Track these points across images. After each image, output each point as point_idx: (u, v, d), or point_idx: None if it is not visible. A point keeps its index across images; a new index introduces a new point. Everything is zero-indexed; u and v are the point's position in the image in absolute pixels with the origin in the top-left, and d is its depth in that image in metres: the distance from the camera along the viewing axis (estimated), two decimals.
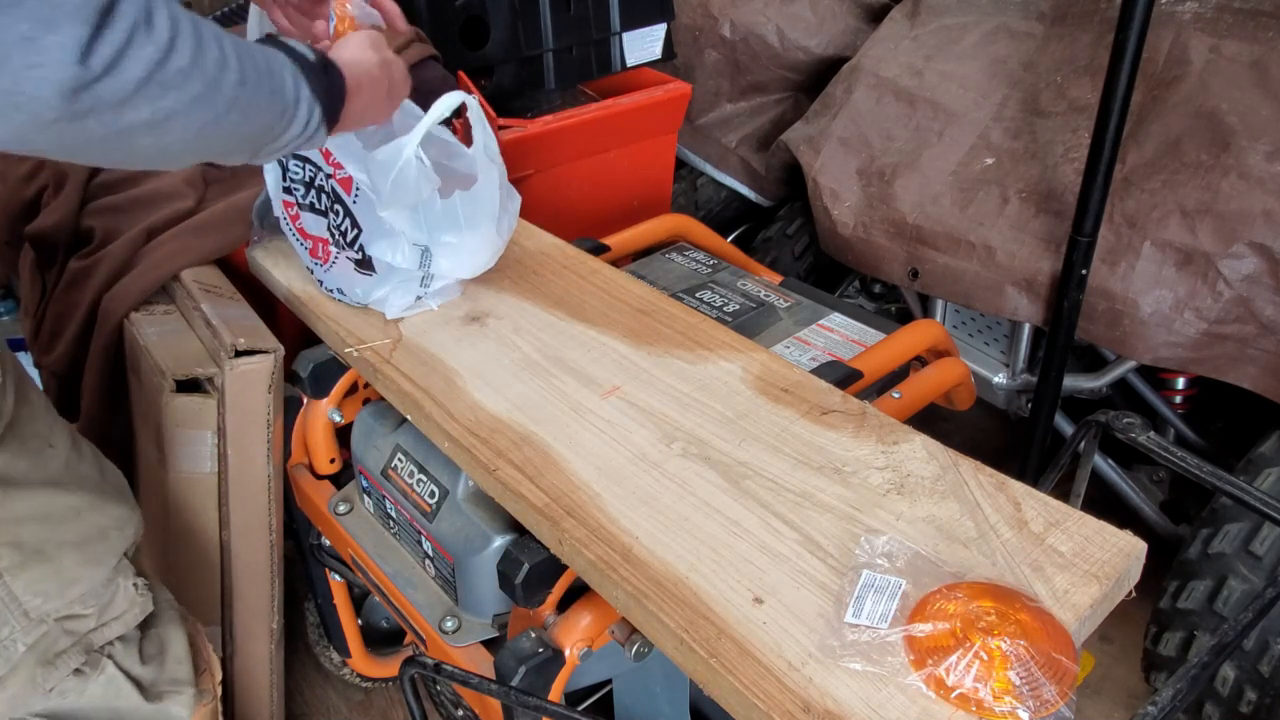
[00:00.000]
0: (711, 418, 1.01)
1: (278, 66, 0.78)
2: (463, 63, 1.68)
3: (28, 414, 0.97)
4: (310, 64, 0.82)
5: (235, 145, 0.77)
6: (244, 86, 0.73)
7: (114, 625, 1.04)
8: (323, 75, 0.84)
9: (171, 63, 0.66)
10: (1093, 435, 1.05)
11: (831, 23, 2.28)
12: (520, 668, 0.90)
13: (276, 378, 1.28)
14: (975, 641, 0.72)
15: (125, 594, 1.05)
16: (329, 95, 0.84)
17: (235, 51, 0.72)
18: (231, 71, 0.71)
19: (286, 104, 0.78)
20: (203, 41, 0.69)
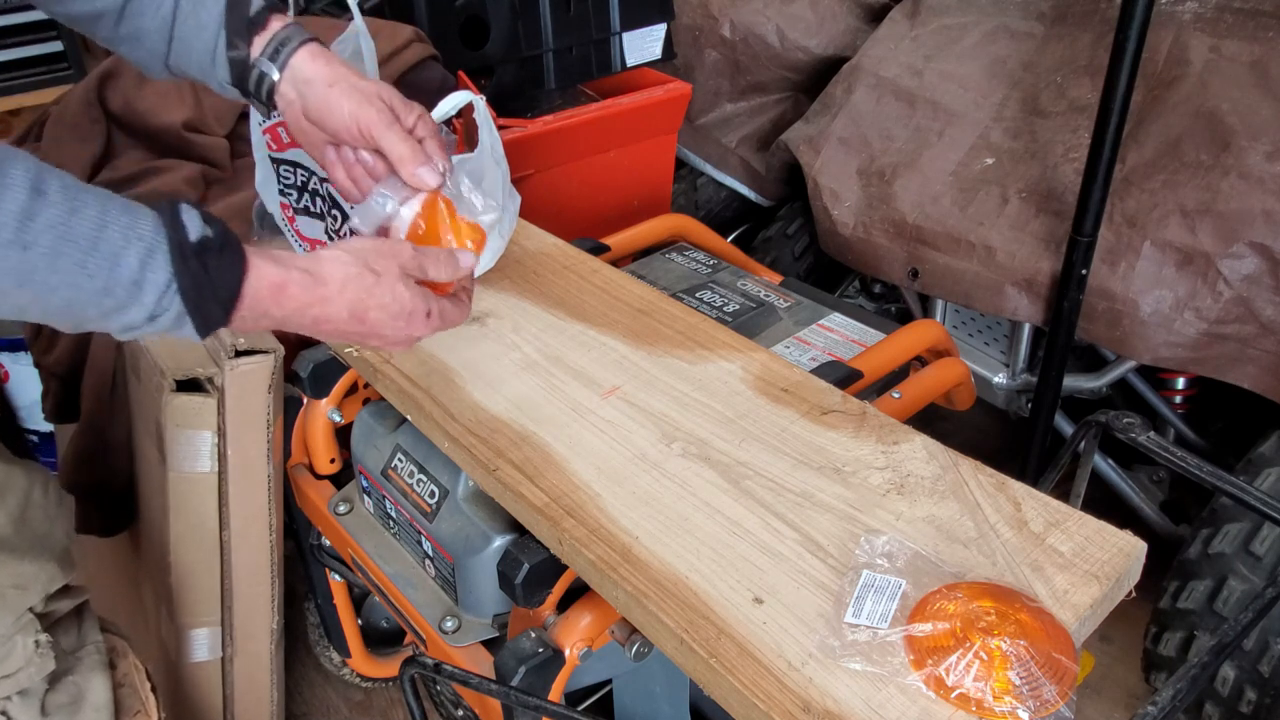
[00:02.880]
0: (711, 418, 1.01)
1: (116, 237, 0.63)
2: (463, 63, 1.69)
3: None
4: (187, 244, 0.66)
5: (22, 310, 0.64)
6: (25, 251, 0.60)
7: (4, 684, 0.99)
8: (198, 260, 0.66)
9: None
10: (1093, 435, 1.05)
11: (831, 23, 2.28)
12: (520, 668, 0.90)
13: (276, 378, 1.28)
14: (975, 641, 0.72)
15: (22, 652, 0.99)
16: (199, 289, 0.66)
17: (22, 208, 0.60)
18: (2, 231, 0.59)
19: (117, 284, 0.63)
20: None
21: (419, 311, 0.78)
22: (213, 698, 1.44)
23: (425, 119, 0.89)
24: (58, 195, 0.62)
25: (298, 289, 0.72)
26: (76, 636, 1.09)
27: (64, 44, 2.33)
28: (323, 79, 0.86)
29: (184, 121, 1.61)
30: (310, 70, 0.86)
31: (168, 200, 0.68)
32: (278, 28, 0.86)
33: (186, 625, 1.38)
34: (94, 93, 1.64)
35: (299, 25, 0.87)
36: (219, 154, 1.64)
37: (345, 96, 0.85)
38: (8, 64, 2.29)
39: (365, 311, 0.76)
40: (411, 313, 0.78)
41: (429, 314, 0.79)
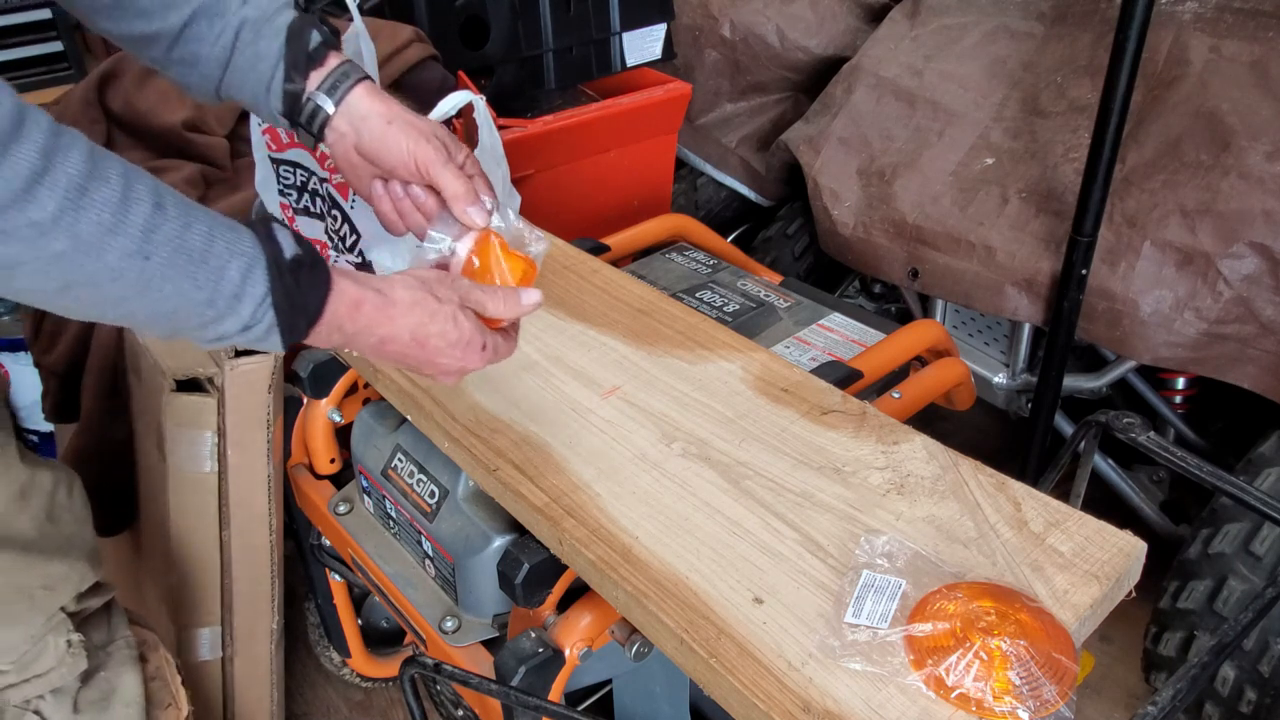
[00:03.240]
0: (711, 418, 1.01)
1: (222, 250, 0.66)
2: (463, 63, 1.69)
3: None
4: (281, 259, 0.69)
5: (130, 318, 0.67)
6: (146, 261, 0.63)
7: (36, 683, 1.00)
8: (291, 275, 0.69)
9: (21, 213, 0.58)
10: (1093, 435, 1.05)
11: (831, 23, 2.28)
12: (520, 668, 0.90)
13: (276, 378, 1.28)
14: (975, 641, 0.72)
15: (54, 652, 1.01)
16: (293, 300, 0.70)
17: (146, 220, 0.63)
18: (127, 240, 0.62)
19: (219, 296, 0.66)
20: (86, 199, 0.60)
21: (475, 343, 0.80)
22: (213, 698, 1.44)
23: (473, 157, 0.91)
24: (174, 210, 0.65)
25: (370, 307, 0.75)
26: (106, 632, 1.09)
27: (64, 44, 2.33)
28: (380, 116, 0.88)
29: (184, 121, 1.61)
30: (367, 107, 0.88)
31: (262, 219, 0.72)
32: (335, 64, 0.88)
33: (187, 625, 1.38)
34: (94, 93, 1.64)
35: (354, 63, 0.89)
36: (219, 154, 1.64)
37: (403, 134, 0.87)
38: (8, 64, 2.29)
39: (426, 336, 0.78)
40: (469, 342, 0.80)
41: (484, 346, 0.81)
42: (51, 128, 0.61)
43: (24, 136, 0.59)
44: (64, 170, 0.60)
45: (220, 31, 0.85)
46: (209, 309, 0.67)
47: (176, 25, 0.85)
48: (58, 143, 0.60)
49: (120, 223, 0.62)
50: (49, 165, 0.59)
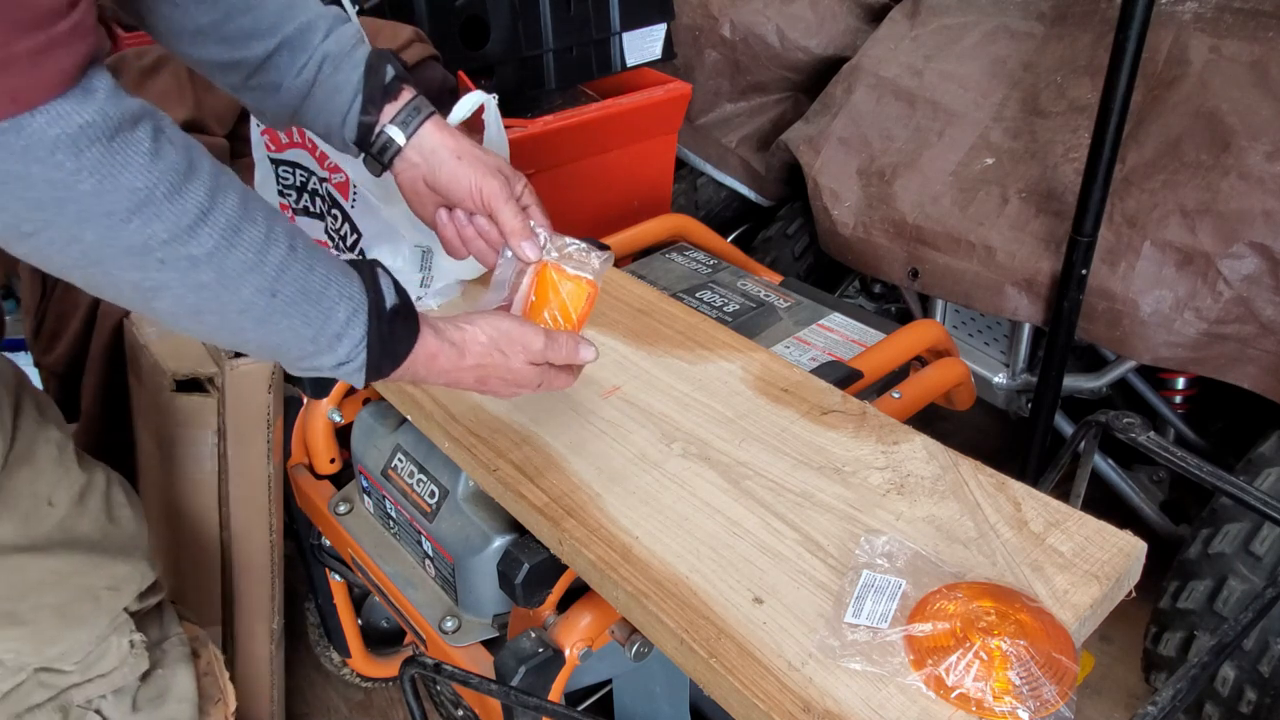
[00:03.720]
0: (711, 418, 1.01)
1: (335, 294, 0.71)
2: (463, 63, 1.68)
3: (28, 475, 0.93)
4: (382, 307, 0.74)
5: (243, 344, 0.72)
6: (273, 299, 0.68)
7: (99, 683, 1.01)
8: (388, 325, 0.75)
9: (183, 247, 0.62)
10: (1093, 435, 1.05)
11: (831, 23, 2.28)
12: (520, 668, 0.90)
13: (276, 378, 1.28)
14: (975, 641, 0.72)
15: (117, 652, 1.01)
16: (383, 348, 0.75)
17: (282, 262, 0.67)
18: (262, 278, 0.66)
19: (323, 334, 0.71)
20: (238, 238, 0.64)
21: (530, 384, 0.86)
22: None
23: (529, 187, 0.97)
24: (303, 252, 0.69)
25: (444, 360, 0.80)
26: (159, 629, 1.10)
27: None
28: (450, 150, 0.93)
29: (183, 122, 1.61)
30: (436, 141, 0.93)
31: (368, 263, 0.77)
32: (408, 98, 0.93)
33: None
34: None
35: (424, 98, 0.94)
36: (219, 154, 1.64)
37: (471, 169, 0.92)
38: None
39: (487, 380, 0.84)
40: (524, 384, 0.86)
41: (538, 385, 0.87)
42: (214, 167, 0.64)
43: (195, 175, 0.62)
44: (223, 210, 0.64)
45: (304, 64, 0.89)
46: (311, 344, 0.72)
47: (260, 55, 0.87)
48: (219, 183, 0.64)
49: (260, 262, 0.66)
50: (213, 205, 0.63)
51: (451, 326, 0.81)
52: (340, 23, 0.91)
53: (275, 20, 0.86)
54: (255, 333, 0.69)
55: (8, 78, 0.54)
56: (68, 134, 0.56)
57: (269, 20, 0.86)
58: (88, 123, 0.57)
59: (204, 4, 0.83)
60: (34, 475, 0.94)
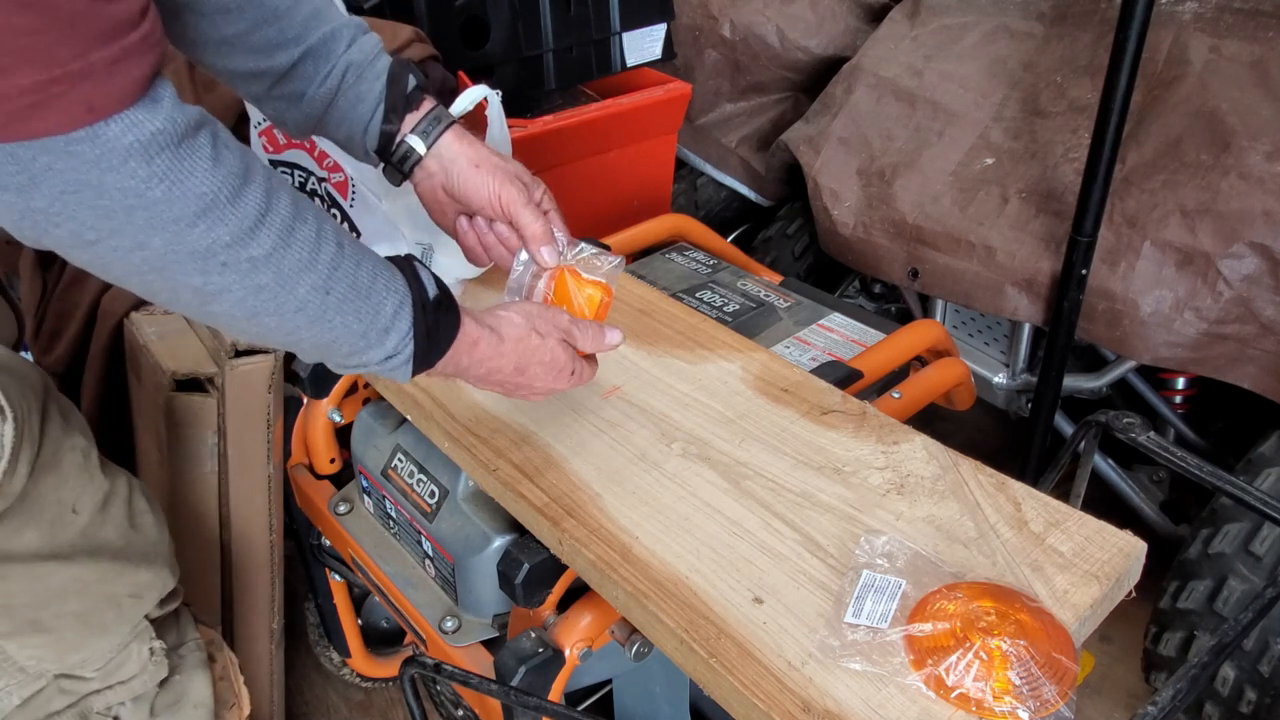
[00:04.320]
0: (711, 418, 1.01)
1: (381, 288, 0.72)
2: (463, 63, 1.68)
3: (53, 482, 0.93)
4: (425, 298, 0.76)
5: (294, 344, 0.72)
6: (326, 296, 0.69)
7: (119, 690, 1.01)
8: (433, 314, 0.76)
9: (244, 249, 0.63)
10: (1093, 435, 1.05)
11: (831, 23, 2.28)
12: (520, 668, 0.90)
13: (276, 378, 1.28)
14: (975, 641, 0.72)
15: (137, 659, 1.02)
16: (429, 338, 0.76)
17: (333, 259, 0.69)
18: (316, 276, 0.68)
19: (373, 328, 0.73)
20: (293, 238, 0.66)
21: (566, 369, 0.87)
22: None
23: (548, 193, 0.97)
24: (350, 248, 0.71)
25: (485, 345, 0.81)
26: (176, 633, 1.10)
27: None
28: (469, 159, 0.94)
29: None
30: (456, 150, 0.94)
31: (407, 258, 0.78)
32: (428, 108, 0.94)
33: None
34: None
35: (443, 108, 0.95)
36: None
37: (491, 176, 0.94)
38: None
39: (527, 366, 0.84)
40: (561, 369, 0.86)
41: (573, 372, 0.88)
42: (266, 169, 0.65)
43: (252, 179, 0.63)
44: (279, 211, 0.65)
45: (328, 73, 0.89)
46: (361, 339, 0.73)
47: (284, 65, 0.88)
48: (272, 184, 0.65)
49: (314, 260, 0.67)
50: (269, 206, 0.64)
51: (487, 314, 0.83)
52: (362, 32, 0.91)
53: (300, 30, 0.87)
54: (309, 331, 0.70)
55: (85, 87, 0.54)
56: (140, 141, 0.57)
57: (295, 30, 0.87)
58: (159, 130, 0.57)
59: (231, 15, 0.83)
60: (59, 482, 0.94)
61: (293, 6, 0.86)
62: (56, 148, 0.55)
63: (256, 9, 0.84)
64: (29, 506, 0.91)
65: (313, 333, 0.70)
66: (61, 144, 0.55)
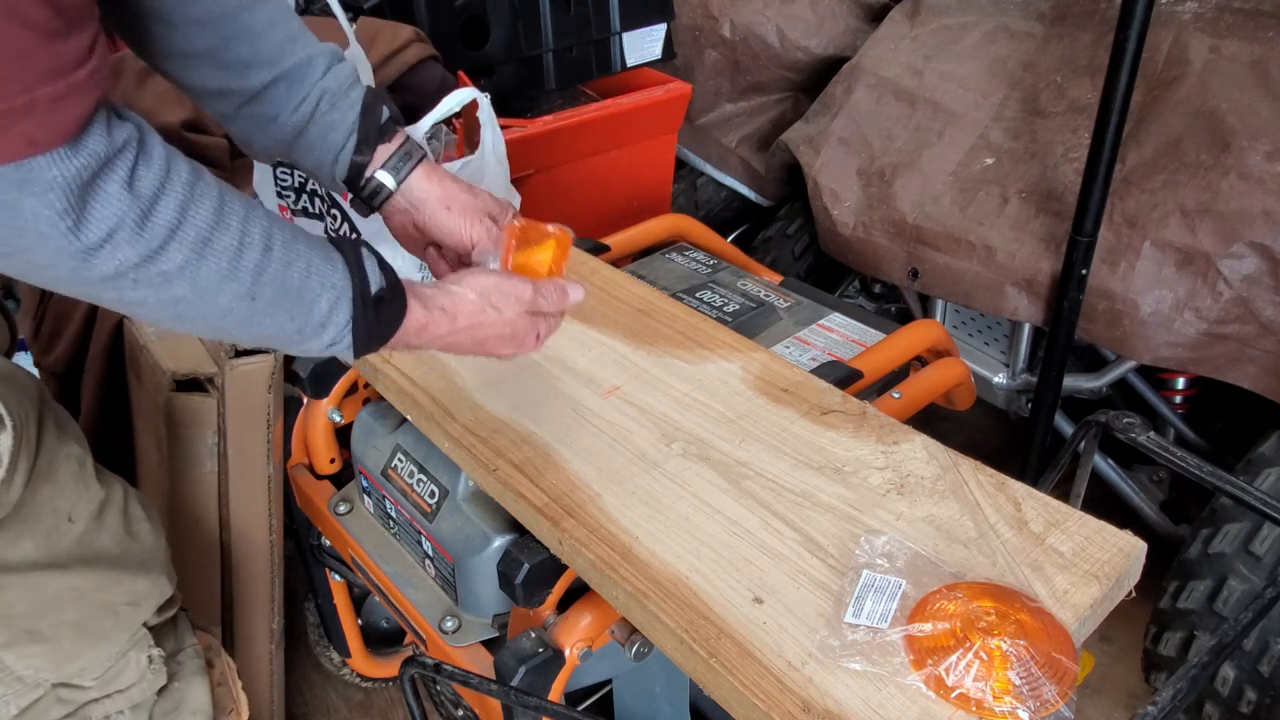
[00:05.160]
0: (711, 418, 1.01)
1: (316, 285, 0.72)
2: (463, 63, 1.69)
3: (49, 491, 0.93)
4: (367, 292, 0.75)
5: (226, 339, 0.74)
6: (253, 302, 0.68)
7: (117, 698, 1.01)
8: (373, 309, 0.75)
9: (153, 265, 0.63)
10: (1093, 435, 1.05)
11: (831, 23, 2.28)
12: (520, 668, 0.90)
13: (276, 378, 1.28)
14: (975, 641, 0.72)
15: (135, 668, 1.02)
16: (369, 329, 0.76)
17: (256, 264, 0.67)
18: (238, 285, 0.67)
19: (308, 325, 0.72)
20: (208, 250, 0.65)
21: (529, 336, 0.87)
22: None
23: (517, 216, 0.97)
24: (279, 250, 0.69)
25: (436, 327, 0.81)
26: (175, 640, 1.10)
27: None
28: (439, 200, 0.93)
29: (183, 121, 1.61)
30: (426, 189, 0.93)
31: (351, 244, 0.76)
32: (399, 141, 0.93)
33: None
34: None
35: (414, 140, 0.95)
36: (218, 154, 1.64)
37: (462, 217, 0.93)
38: None
39: (484, 340, 0.84)
40: (523, 339, 0.87)
41: (537, 337, 0.88)
42: (189, 178, 0.64)
43: (167, 192, 0.63)
44: (194, 224, 0.64)
45: (302, 99, 0.88)
46: (297, 334, 0.73)
47: (256, 86, 0.87)
48: (193, 194, 0.64)
49: (235, 269, 0.66)
50: (183, 220, 0.63)
51: (440, 292, 0.81)
52: (337, 60, 0.90)
53: (275, 53, 0.86)
54: (240, 331, 0.71)
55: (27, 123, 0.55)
56: (65, 177, 0.57)
57: (269, 52, 0.86)
58: (83, 166, 0.58)
59: (204, 28, 0.82)
60: (55, 491, 0.93)
61: (268, 28, 0.85)
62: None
63: (231, 25, 0.83)
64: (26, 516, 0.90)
65: (244, 332, 0.71)
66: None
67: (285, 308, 0.70)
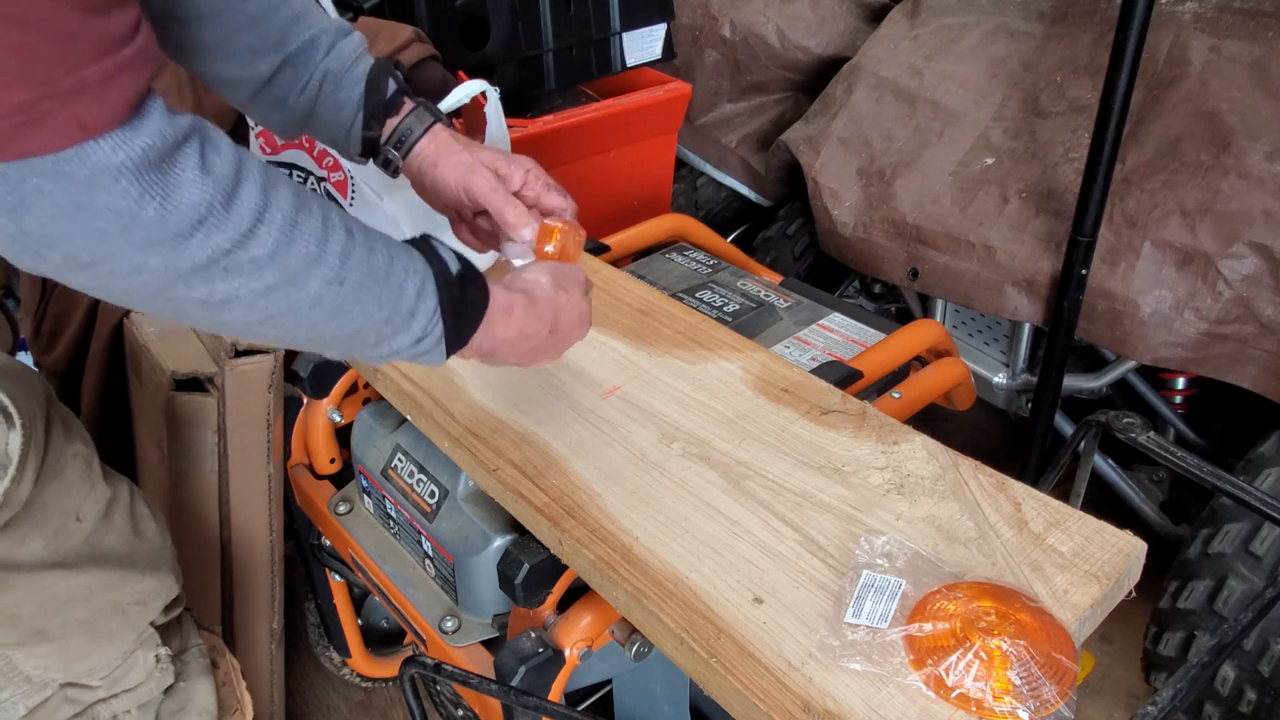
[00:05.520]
0: (711, 418, 1.01)
1: (400, 270, 0.70)
2: (463, 63, 1.68)
3: (57, 490, 0.92)
4: (448, 274, 0.73)
5: (316, 341, 0.69)
6: (341, 287, 0.66)
7: (125, 698, 1.01)
8: (458, 289, 0.74)
9: (245, 251, 0.60)
10: (1093, 435, 1.05)
11: (831, 23, 2.28)
12: (520, 668, 0.90)
13: (276, 377, 1.28)
14: (975, 641, 0.72)
15: (143, 667, 1.01)
16: (458, 314, 0.74)
17: (343, 248, 0.66)
18: (327, 269, 0.65)
19: (397, 313, 0.70)
20: (296, 232, 0.63)
21: (588, 317, 0.87)
22: None
23: (534, 171, 0.96)
24: (360, 235, 0.68)
25: (520, 310, 0.80)
26: (180, 639, 1.09)
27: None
28: (429, 158, 0.93)
29: None
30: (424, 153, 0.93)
31: (423, 238, 0.75)
32: (406, 111, 0.93)
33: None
34: None
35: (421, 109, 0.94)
36: None
37: (450, 173, 0.93)
38: None
39: (559, 323, 0.83)
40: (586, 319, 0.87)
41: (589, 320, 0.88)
42: (262, 165, 0.63)
43: (246, 176, 0.61)
44: (279, 206, 0.62)
45: (306, 82, 0.89)
46: (387, 326, 0.70)
47: (266, 73, 0.87)
48: (269, 179, 0.62)
49: (322, 253, 0.65)
50: (268, 203, 0.61)
51: (513, 279, 0.82)
52: (343, 35, 0.91)
53: (280, 37, 0.87)
54: (330, 326, 0.67)
55: (77, 104, 0.52)
56: (131, 159, 0.55)
57: (274, 37, 0.86)
58: (149, 146, 0.55)
59: (209, 21, 0.83)
60: (63, 490, 0.93)
61: (270, 12, 0.86)
62: (45, 168, 0.53)
63: (234, 14, 0.84)
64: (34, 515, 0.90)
65: (333, 327, 0.68)
66: (51, 164, 0.53)
67: (373, 293, 0.68)
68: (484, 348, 0.79)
